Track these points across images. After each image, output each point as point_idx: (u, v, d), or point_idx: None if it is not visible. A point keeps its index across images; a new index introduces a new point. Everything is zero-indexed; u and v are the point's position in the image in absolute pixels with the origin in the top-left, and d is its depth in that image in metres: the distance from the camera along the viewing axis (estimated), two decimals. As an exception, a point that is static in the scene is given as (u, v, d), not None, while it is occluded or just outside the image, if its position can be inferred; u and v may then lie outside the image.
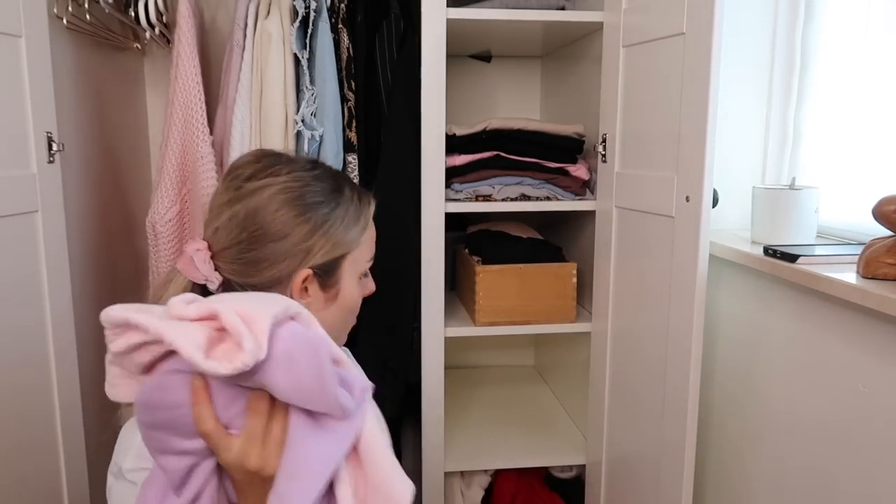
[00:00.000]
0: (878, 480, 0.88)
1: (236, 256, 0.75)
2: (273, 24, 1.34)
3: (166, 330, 0.56)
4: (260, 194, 0.75)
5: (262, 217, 0.74)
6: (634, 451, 1.28)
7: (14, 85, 1.11)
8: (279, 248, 0.75)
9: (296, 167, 0.79)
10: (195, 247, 0.75)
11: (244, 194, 0.75)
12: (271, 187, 0.75)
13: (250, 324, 0.57)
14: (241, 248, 0.74)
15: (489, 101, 1.87)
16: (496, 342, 2.02)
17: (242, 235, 0.74)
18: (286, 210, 0.75)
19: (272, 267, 0.75)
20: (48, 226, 1.18)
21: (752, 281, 1.15)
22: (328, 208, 0.78)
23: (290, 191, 0.76)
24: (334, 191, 0.80)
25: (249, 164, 0.78)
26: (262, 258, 0.75)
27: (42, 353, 1.18)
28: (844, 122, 1.19)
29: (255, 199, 0.75)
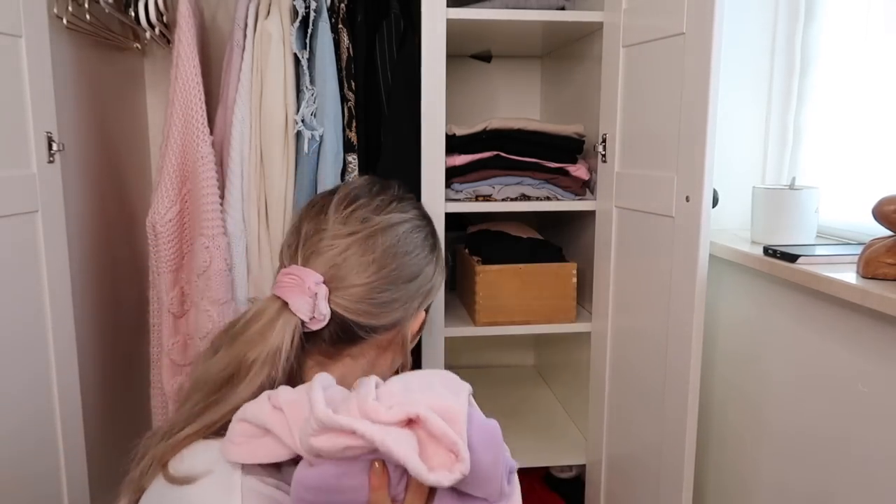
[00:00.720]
0: (879, 480, 0.88)
1: (366, 296, 0.68)
2: (273, 24, 1.34)
3: (385, 439, 0.53)
4: (395, 231, 0.70)
5: (401, 256, 0.69)
6: (634, 451, 1.28)
7: (14, 85, 1.11)
8: (410, 289, 0.70)
9: (410, 197, 0.75)
10: (314, 280, 0.66)
11: (377, 230, 0.69)
12: (404, 224, 0.71)
13: (453, 423, 0.54)
14: (373, 286, 0.68)
15: (489, 101, 1.87)
16: (496, 342, 2.02)
17: (381, 273, 0.68)
18: (420, 250, 0.71)
19: (400, 308, 0.70)
20: (48, 226, 1.18)
21: (752, 281, 1.15)
22: (434, 250, 0.75)
23: (418, 228, 0.72)
24: (431, 233, 0.76)
25: (372, 195, 0.72)
26: (395, 299, 0.69)
27: (42, 353, 1.18)
28: (844, 122, 1.19)
29: (390, 236, 0.69)
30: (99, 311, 1.46)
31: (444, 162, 1.34)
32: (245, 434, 0.60)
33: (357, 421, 0.54)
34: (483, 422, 0.59)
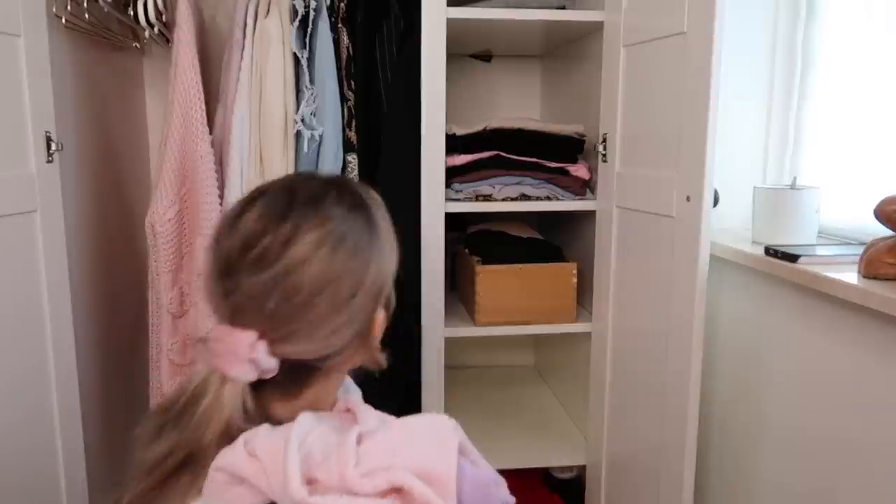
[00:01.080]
0: (879, 480, 0.88)
1: (308, 335, 0.62)
2: (273, 23, 1.33)
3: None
4: (316, 257, 0.60)
5: (335, 281, 0.61)
6: (635, 451, 1.27)
7: (13, 84, 1.11)
8: (355, 305, 0.63)
9: (324, 206, 0.64)
10: (248, 342, 0.59)
11: (294, 265, 0.60)
12: (325, 244, 0.61)
13: (441, 487, 0.51)
14: (314, 324, 0.61)
15: (489, 101, 1.87)
16: (496, 342, 2.02)
17: (317, 309, 0.61)
18: (352, 260, 0.63)
19: (352, 325, 0.63)
20: (47, 225, 1.18)
21: (753, 281, 1.15)
22: (374, 245, 0.66)
23: (345, 236, 0.63)
24: (368, 221, 0.67)
25: (274, 219, 0.62)
26: (342, 322, 0.62)
27: (41, 353, 1.18)
28: (846, 121, 1.19)
29: (313, 266, 0.60)
30: (98, 311, 1.45)
31: (444, 162, 1.34)
32: (222, 483, 0.57)
33: (336, 501, 0.51)
34: (475, 477, 0.56)
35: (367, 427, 0.57)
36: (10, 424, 1.11)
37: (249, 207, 0.64)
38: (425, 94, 1.30)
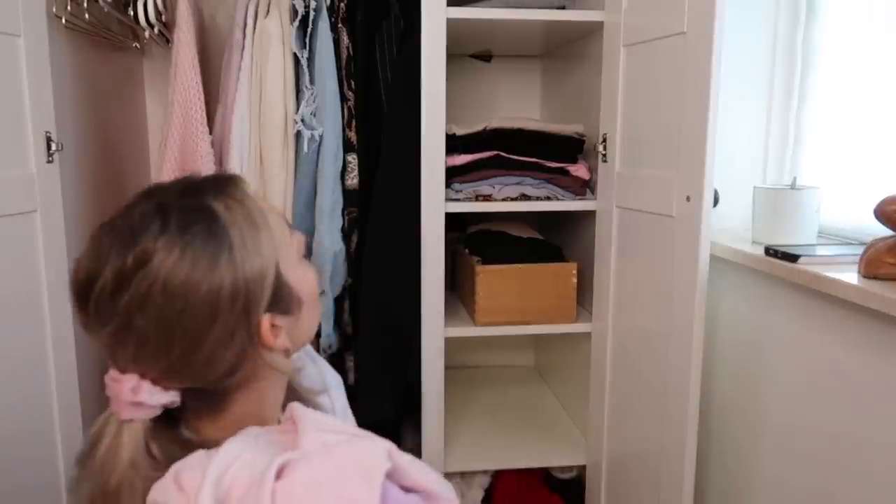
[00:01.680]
0: (879, 480, 0.88)
1: (184, 367, 0.59)
2: (272, 23, 1.34)
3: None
4: (148, 304, 0.56)
5: (185, 311, 0.57)
6: (635, 451, 1.27)
7: (13, 84, 1.11)
8: (219, 330, 0.58)
9: (138, 244, 0.57)
10: (129, 386, 0.58)
11: (131, 312, 0.57)
12: (151, 292, 0.56)
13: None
14: (182, 361, 0.59)
15: (489, 101, 1.87)
16: (496, 342, 2.02)
17: (178, 347, 0.58)
18: (203, 282, 0.57)
19: (228, 348, 0.59)
20: (47, 225, 1.18)
21: (753, 281, 1.14)
22: (224, 255, 0.59)
23: (170, 280, 0.57)
24: (208, 231, 0.59)
25: (98, 260, 0.58)
26: (213, 350, 0.59)
27: (41, 352, 1.18)
28: (846, 121, 1.19)
29: (149, 313, 0.57)
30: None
31: (444, 162, 1.34)
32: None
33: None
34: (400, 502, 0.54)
35: (293, 455, 0.54)
36: (10, 425, 1.11)
37: (86, 247, 0.61)
38: (425, 94, 1.30)
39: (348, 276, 1.44)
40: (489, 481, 1.56)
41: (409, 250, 1.38)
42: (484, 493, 1.55)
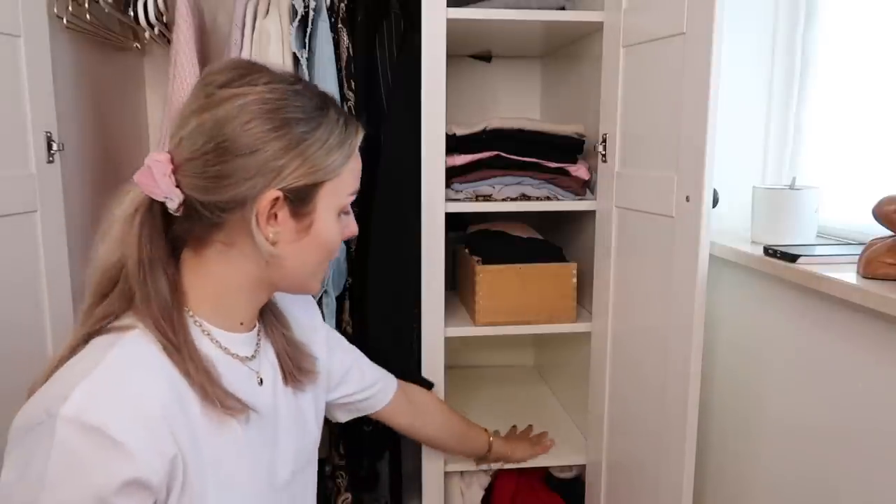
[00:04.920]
0: (879, 481, 0.88)
1: (200, 170, 0.68)
2: (272, 23, 1.34)
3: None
4: (231, 103, 0.68)
5: (232, 128, 0.68)
6: (634, 451, 1.27)
7: (13, 85, 1.11)
8: (247, 164, 0.68)
9: (276, 78, 0.72)
10: (155, 158, 0.68)
11: (214, 102, 0.68)
12: (245, 97, 0.68)
13: None
14: (206, 160, 0.68)
15: (489, 101, 1.87)
16: (496, 342, 2.02)
17: (208, 146, 0.68)
18: (259, 122, 0.68)
19: (238, 184, 0.69)
20: (47, 225, 1.18)
21: (752, 281, 1.15)
22: (307, 127, 0.71)
23: (266, 102, 0.69)
24: (317, 109, 0.73)
25: (224, 70, 0.71)
26: (227, 173, 0.68)
27: (41, 352, 1.18)
28: (845, 121, 1.19)
29: (225, 108, 0.68)
30: (98, 311, 1.45)
31: (444, 162, 1.34)
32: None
33: None
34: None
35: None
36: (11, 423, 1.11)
37: (225, 61, 0.76)
38: (425, 94, 1.30)
39: (348, 275, 1.44)
40: (489, 481, 1.56)
41: (409, 250, 1.38)
42: (484, 493, 1.55)
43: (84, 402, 0.62)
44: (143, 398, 0.66)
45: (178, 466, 0.67)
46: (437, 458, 1.44)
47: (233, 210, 0.70)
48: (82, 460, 0.61)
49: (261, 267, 0.75)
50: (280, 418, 0.85)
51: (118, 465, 0.61)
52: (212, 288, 0.76)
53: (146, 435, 0.64)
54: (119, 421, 0.62)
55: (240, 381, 0.78)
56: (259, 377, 0.82)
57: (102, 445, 0.61)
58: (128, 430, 0.62)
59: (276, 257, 0.74)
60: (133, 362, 0.68)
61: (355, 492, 1.53)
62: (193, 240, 0.75)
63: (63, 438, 0.61)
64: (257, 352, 0.83)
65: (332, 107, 0.76)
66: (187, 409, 0.70)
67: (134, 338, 0.70)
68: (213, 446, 0.73)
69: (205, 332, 0.76)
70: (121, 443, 0.61)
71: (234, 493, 0.76)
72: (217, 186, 0.69)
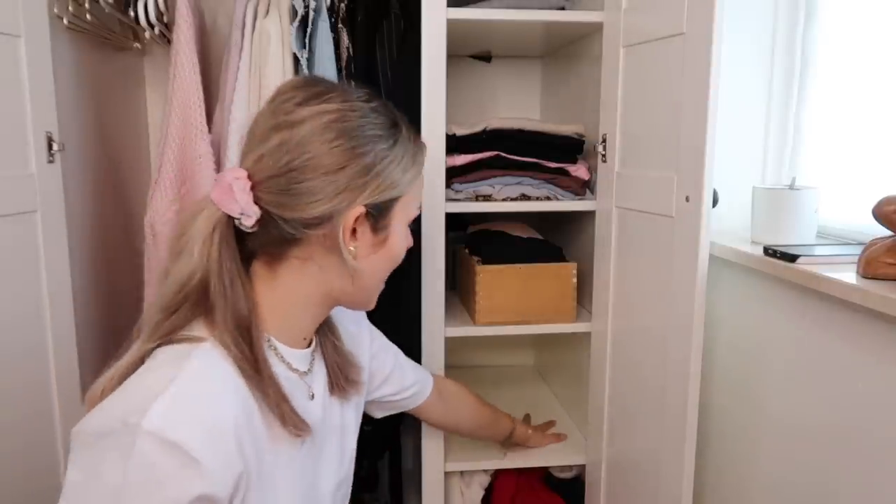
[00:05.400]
0: (878, 481, 0.88)
1: (283, 187, 0.69)
2: (272, 23, 1.34)
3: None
4: (314, 121, 0.70)
5: (316, 146, 0.69)
6: (634, 451, 1.27)
7: (14, 85, 1.11)
8: (332, 182, 0.69)
9: (352, 97, 0.73)
10: (234, 175, 0.69)
11: (295, 121, 0.70)
12: (327, 115, 0.70)
13: None
14: (289, 178, 0.69)
15: (489, 101, 1.87)
16: (496, 342, 2.02)
17: (292, 164, 0.69)
18: (343, 141, 0.70)
19: (323, 202, 0.70)
20: (48, 225, 1.18)
21: (752, 281, 1.15)
22: (386, 144, 0.73)
23: (347, 120, 0.71)
24: (392, 126, 0.75)
25: (301, 88, 0.73)
26: (311, 190, 0.69)
27: (42, 352, 1.18)
28: (845, 122, 1.19)
29: (307, 126, 0.69)
30: (98, 312, 1.46)
31: (444, 162, 1.34)
32: None
33: None
34: None
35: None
36: (11, 422, 1.12)
37: (299, 77, 0.82)
38: (425, 94, 1.31)
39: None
40: (489, 481, 1.56)
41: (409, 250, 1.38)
42: (484, 493, 1.55)
43: (164, 417, 0.63)
44: (218, 415, 0.67)
45: (241, 482, 0.68)
46: (437, 458, 1.45)
47: (317, 226, 0.71)
48: (159, 474, 0.62)
49: (337, 282, 0.77)
50: (327, 430, 0.86)
51: (192, 482, 0.62)
52: (281, 303, 0.76)
53: (219, 452, 0.65)
54: (197, 439, 0.63)
55: (297, 399, 0.78)
56: (311, 392, 0.83)
57: (181, 462, 0.62)
58: (204, 448, 0.63)
59: (356, 271, 0.75)
60: (208, 377, 0.68)
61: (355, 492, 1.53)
62: (266, 255, 0.76)
63: (143, 451, 0.61)
64: (312, 366, 0.84)
65: (404, 123, 0.78)
66: (253, 424, 0.71)
67: (207, 351, 0.70)
68: (271, 462, 0.74)
69: (271, 347, 0.77)
70: (198, 460, 0.62)
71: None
72: (302, 203, 0.70)
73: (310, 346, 0.84)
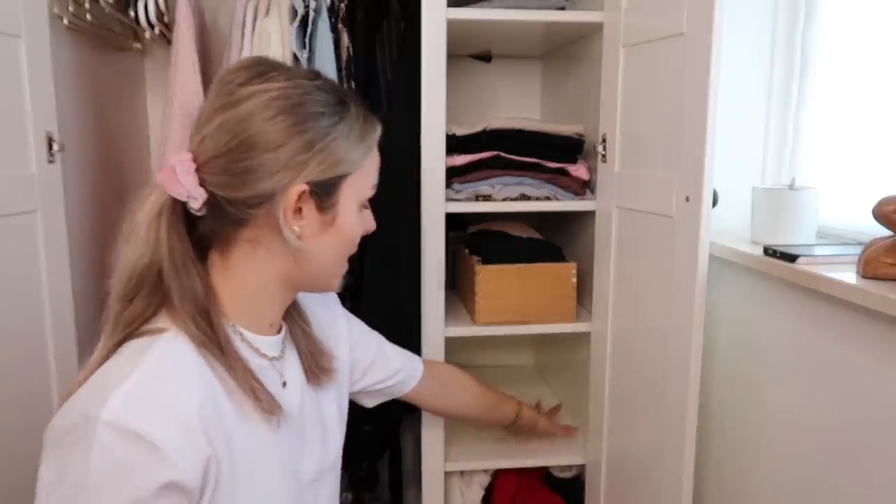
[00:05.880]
0: (878, 481, 0.88)
1: (224, 167, 0.69)
2: (272, 23, 1.34)
3: None
4: (255, 99, 0.69)
5: (256, 124, 0.69)
6: (634, 451, 1.28)
7: (14, 85, 1.11)
8: (273, 159, 0.69)
9: (296, 75, 0.73)
10: (178, 158, 0.69)
11: (236, 100, 0.69)
12: (268, 93, 0.70)
13: None
14: (230, 157, 0.69)
15: (489, 101, 1.87)
16: (496, 342, 2.02)
17: (233, 143, 0.69)
18: (283, 117, 0.69)
19: (263, 179, 0.69)
20: (48, 226, 1.18)
21: (752, 281, 1.15)
22: (330, 121, 0.72)
23: (288, 98, 0.70)
24: (339, 103, 0.74)
25: (244, 69, 0.72)
26: (253, 168, 0.69)
27: (41, 353, 1.18)
28: (844, 122, 1.19)
29: (248, 105, 0.69)
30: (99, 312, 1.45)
31: (444, 162, 1.34)
32: None
33: None
34: None
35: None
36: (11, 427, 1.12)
37: (243, 59, 0.77)
38: (425, 95, 1.31)
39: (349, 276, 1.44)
40: (489, 480, 1.56)
41: (409, 250, 1.38)
42: (484, 493, 1.55)
43: (123, 407, 0.63)
44: (179, 401, 0.66)
45: (211, 467, 0.68)
46: (437, 458, 1.45)
47: (259, 206, 0.71)
48: (121, 464, 0.62)
49: (287, 264, 0.76)
50: (305, 418, 0.86)
51: (156, 469, 0.62)
52: (240, 290, 0.76)
53: (183, 438, 0.65)
54: (157, 425, 0.63)
55: (267, 382, 0.78)
56: (283, 379, 0.83)
57: (142, 450, 0.62)
58: (166, 434, 0.63)
59: (302, 252, 0.75)
60: (169, 364, 0.68)
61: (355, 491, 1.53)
62: (219, 241, 0.76)
63: (103, 442, 0.61)
64: (283, 353, 0.84)
65: (353, 102, 0.77)
66: (220, 410, 0.71)
67: (168, 340, 0.70)
68: (244, 447, 0.73)
69: (237, 333, 0.77)
70: (159, 447, 0.62)
71: (261, 493, 0.76)
72: (244, 182, 0.70)
73: (280, 332, 0.83)
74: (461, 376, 1.31)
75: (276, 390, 0.80)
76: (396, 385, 1.13)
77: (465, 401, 1.29)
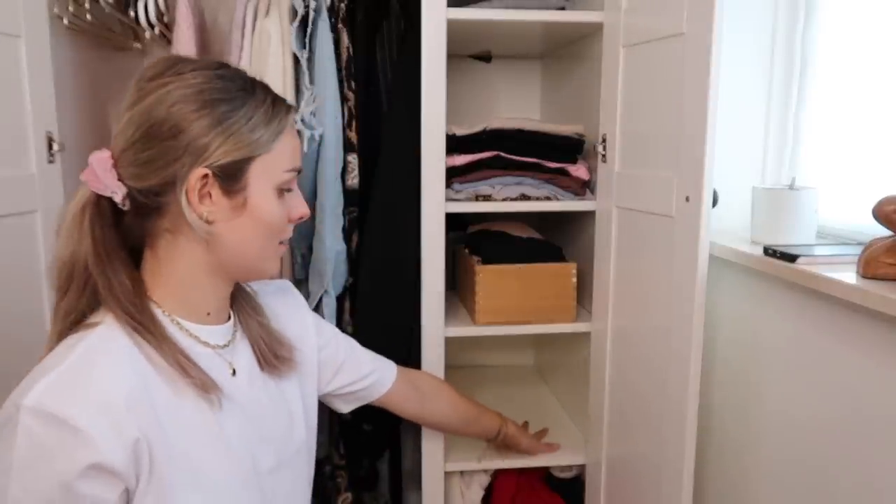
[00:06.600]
0: (878, 481, 0.88)
1: (133, 158, 0.72)
2: (272, 23, 1.34)
3: None
4: (158, 91, 0.72)
5: (157, 113, 0.71)
6: (634, 451, 1.28)
7: (14, 85, 1.11)
8: (174, 145, 0.71)
9: (200, 66, 0.76)
10: (98, 155, 0.73)
11: (143, 94, 0.72)
12: (170, 84, 0.72)
13: None
14: (136, 148, 0.72)
15: (489, 101, 1.87)
16: (496, 342, 2.02)
17: (136, 134, 0.72)
18: (182, 105, 0.72)
19: (167, 166, 0.72)
20: (48, 226, 1.18)
21: (752, 281, 1.15)
22: (230, 106, 0.74)
23: (189, 87, 0.73)
24: (241, 90, 0.76)
25: (153, 66, 0.75)
26: (155, 157, 0.72)
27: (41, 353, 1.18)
28: (844, 122, 1.19)
29: (152, 97, 0.72)
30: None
31: (444, 162, 1.34)
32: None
33: None
34: None
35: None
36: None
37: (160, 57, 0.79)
38: (425, 95, 1.31)
39: (349, 275, 1.44)
40: (489, 481, 1.56)
41: (408, 250, 1.38)
42: (484, 493, 1.55)
43: (44, 393, 0.65)
44: (103, 385, 0.68)
45: (142, 452, 0.69)
46: (437, 458, 1.45)
47: (167, 193, 0.73)
48: (44, 448, 0.64)
49: (207, 251, 0.78)
50: (260, 407, 0.86)
51: (78, 451, 0.64)
52: (170, 281, 0.78)
53: (106, 421, 0.66)
54: (76, 408, 0.65)
55: (212, 370, 0.79)
56: (232, 368, 0.84)
57: (63, 432, 0.64)
58: (86, 417, 0.65)
59: (213, 236, 0.76)
60: (98, 352, 0.71)
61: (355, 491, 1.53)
62: (145, 234, 0.78)
63: (25, 426, 0.64)
64: (231, 342, 0.85)
65: (260, 88, 0.78)
66: (154, 395, 0.72)
67: (100, 332, 0.73)
68: (185, 434, 0.74)
69: (173, 321, 0.78)
70: (79, 429, 0.64)
71: (210, 481, 0.77)
72: (148, 171, 0.72)
73: (224, 322, 0.85)
74: (440, 385, 1.32)
75: (223, 377, 0.81)
76: (369, 387, 1.13)
77: (442, 409, 1.29)
